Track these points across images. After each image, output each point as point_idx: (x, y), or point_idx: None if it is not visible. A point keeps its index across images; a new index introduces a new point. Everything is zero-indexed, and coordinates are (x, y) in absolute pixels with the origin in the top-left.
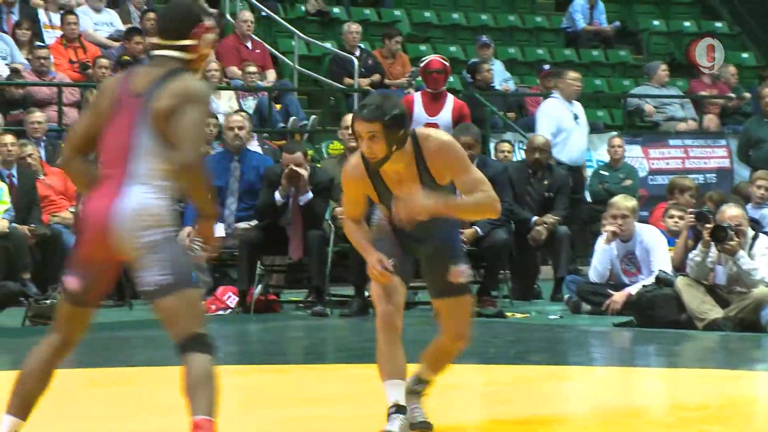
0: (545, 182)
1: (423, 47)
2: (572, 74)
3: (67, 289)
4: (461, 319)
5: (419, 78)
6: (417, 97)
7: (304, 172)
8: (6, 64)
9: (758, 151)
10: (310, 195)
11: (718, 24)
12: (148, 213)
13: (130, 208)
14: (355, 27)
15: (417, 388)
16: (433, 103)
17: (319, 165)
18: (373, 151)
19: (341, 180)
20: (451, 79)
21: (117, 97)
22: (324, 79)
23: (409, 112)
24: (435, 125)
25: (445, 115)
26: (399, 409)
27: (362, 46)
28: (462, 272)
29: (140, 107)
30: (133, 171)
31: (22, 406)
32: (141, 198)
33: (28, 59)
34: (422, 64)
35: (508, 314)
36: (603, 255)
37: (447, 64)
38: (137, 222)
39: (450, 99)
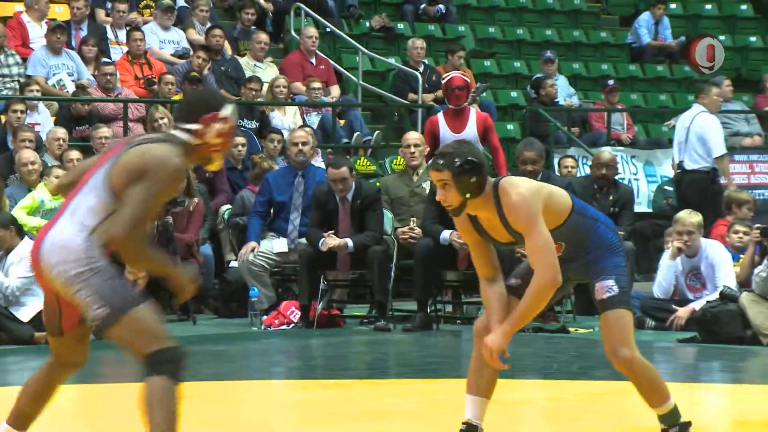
0: (611, 197)
1: (487, 63)
2: (716, 89)
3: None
4: (611, 337)
5: (483, 93)
6: (440, 117)
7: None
8: (73, 81)
9: None
10: (350, 246)
11: None
12: (66, 248)
13: (51, 241)
14: (420, 43)
15: (668, 430)
16: (456, 119)
17: (378, 183)
18: (447, 199)
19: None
20: (515, 94)
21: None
22: (388, 94)
23: (435, 132)
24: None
25: (470, 129)
26: (469, 428)
27: (426, 61)
28: (603, 288)
29: (113, 154)
30: (71, 204)
31: (19, 418)
32: (65, 232)
33: (94, 75)
34: (444, 81)
35: (571, 329)
36: (668, 270)
37: (468, 80)
38: (62, 255)
39: (473, 113)
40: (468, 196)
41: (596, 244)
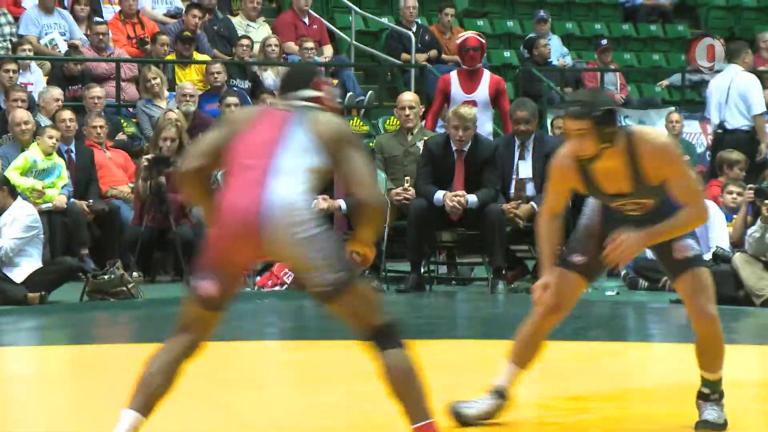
0: None
1: (480, 22)
2: (748, 51)
3: (203, 295)
4: (700, 296)
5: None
6: (453, 76)
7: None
8: (65, 40)
9: None
10: (343, 208)
11: None
12: (298, 207)
13: (280, 201)
14: (412, 2)
15: (710, 395)
16: (470, 80)
17: (372, 143)
18: (583, 148)
19: (549, 169)
20: (508, 54)
21: (261, 111)
22: (381, 54)
23: (447, 90)
24: (473, 102)
25: (483, 91)
26: (496, 391)
27: (419, 21)
28: (685, 246)
29: (294, 114)
30: (279, 164)
31: (146, 404)
32: (290, 191)
33: (86, 35)
34: (459, 41)
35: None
36: None
37: (483, 41)
38: (290, 217)
39: (486, 75)
40: (605, 145)
41: (670, 208)
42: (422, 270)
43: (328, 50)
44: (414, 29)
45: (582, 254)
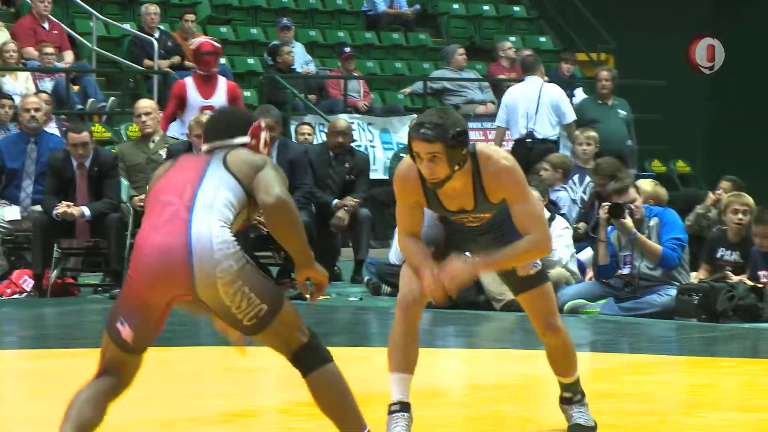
0: (346, 165)
1: (224, 29)
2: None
3: (120, 339)
4: (544, 310)
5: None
6: (189, 81)
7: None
8: None
9: None
10: (87, 214)
11: (517, 8)
12: (223, 241)
13: (205, 237)
14: (154, 8)
15: (573, 398)
16: (206, 85)
17: (114, 149)
18: (435, 172)
19: (394, 183)
20: (251, 61)
21: (180, 158)
22: (123, 60)
23: (183, 95)
24: (211, 108)
25: (220, 97)
26: (403, 407)
27: (162, 27)
28: (527, 264)
29: (216, 154)
30: (198, 200)
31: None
32: (212, 226)
33: None
34: (193, 47)
35: (308, 296)
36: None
37: (218, 45)
38: (212, 252)
39: (222, 81)
40: (456, 168)
41: (511, 222)
42: None
43: (68, 56)
44: (157, 35)
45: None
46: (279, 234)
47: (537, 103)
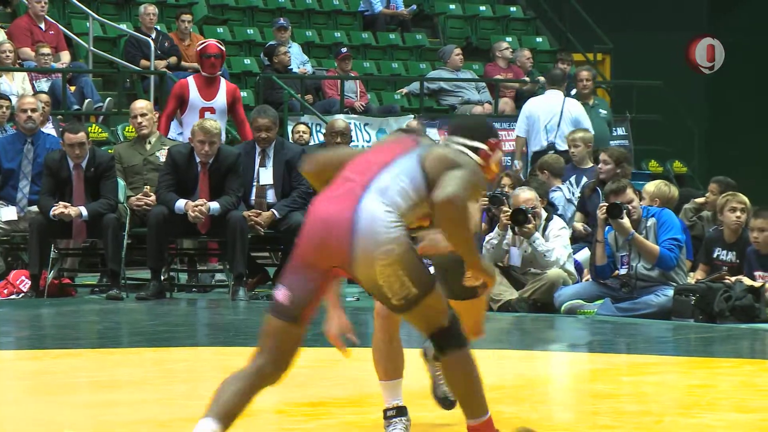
0: None
1: (220, 29)
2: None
3: (276, 304)
4: (478, 318)
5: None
6: (191, 81)
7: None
8: None
9: None
10: (84, 214)
11: (513, 9)
12: (389, 224)
13: (371, 217)
14: (152, 8)
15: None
16: (208, 87)
17: (111, 150)
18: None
19: None
20: (248, 61)
21: (394, 138)
22: (120, 61)
23: (184, 95)
24: (211, 109)
25: (221, 99)
26: (400, 411)
27: (158, 27)
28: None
29: (420, 144)
30: (376, 182)
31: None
32: (379, 208)
33: None
34: (199, 48)
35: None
36: None
37: (223, 48)
38: (375, 234)
39: (223, 83)
40: None
41: None
42: (162, 277)
43: (65, 56)
44: (153, 36)
45: None
46: (445, 232)
47: (560, 117)
